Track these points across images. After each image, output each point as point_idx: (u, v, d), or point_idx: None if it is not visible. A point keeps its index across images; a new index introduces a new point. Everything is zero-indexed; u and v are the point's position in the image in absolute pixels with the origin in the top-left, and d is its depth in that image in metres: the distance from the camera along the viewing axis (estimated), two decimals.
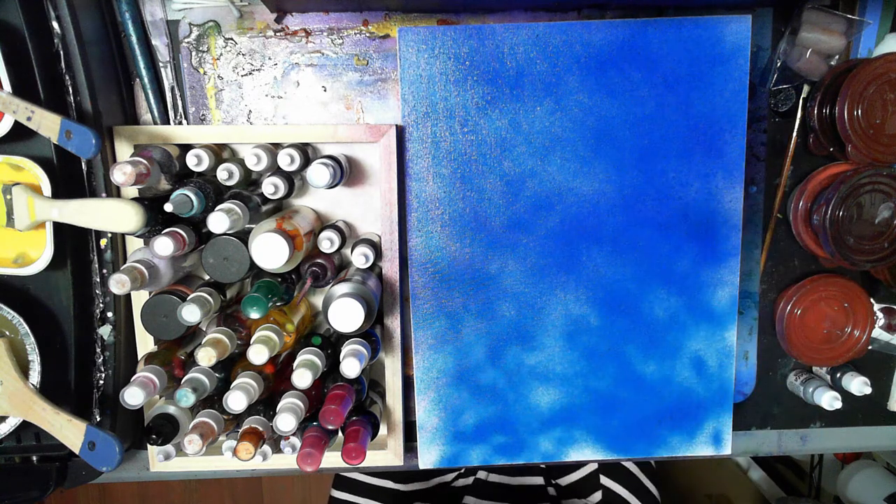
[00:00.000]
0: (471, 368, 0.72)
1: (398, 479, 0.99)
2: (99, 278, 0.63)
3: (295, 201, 0.69)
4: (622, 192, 0.69)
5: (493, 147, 0.68)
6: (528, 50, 0.66)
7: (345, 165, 0.64)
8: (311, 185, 0.59)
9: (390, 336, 0.69)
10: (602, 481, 0.96)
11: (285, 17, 0.68)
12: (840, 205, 0.66)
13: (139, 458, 0.75)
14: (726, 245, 0.70)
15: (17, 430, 0.62)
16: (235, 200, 0.57)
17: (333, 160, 0.61)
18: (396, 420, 0.71)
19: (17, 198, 0.57)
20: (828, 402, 0.71)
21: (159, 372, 0.59)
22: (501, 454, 0.74)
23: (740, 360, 0.77)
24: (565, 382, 0.73)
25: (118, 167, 0.53)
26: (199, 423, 0.58)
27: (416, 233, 0.69)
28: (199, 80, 0.68)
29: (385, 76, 0.69)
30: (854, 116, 0.65)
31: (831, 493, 1.44)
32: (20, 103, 0.55)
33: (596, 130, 0.68)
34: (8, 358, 0.59)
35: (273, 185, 0.60)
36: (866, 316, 0.72)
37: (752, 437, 0.79)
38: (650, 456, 0.75)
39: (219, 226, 0.54)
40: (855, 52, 0.71)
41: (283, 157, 0.60)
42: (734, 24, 0.66)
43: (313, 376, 0.57)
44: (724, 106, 0.68)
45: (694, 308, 0.72)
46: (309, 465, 0.57)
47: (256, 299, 0.55)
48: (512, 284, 0.70)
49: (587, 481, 0.97)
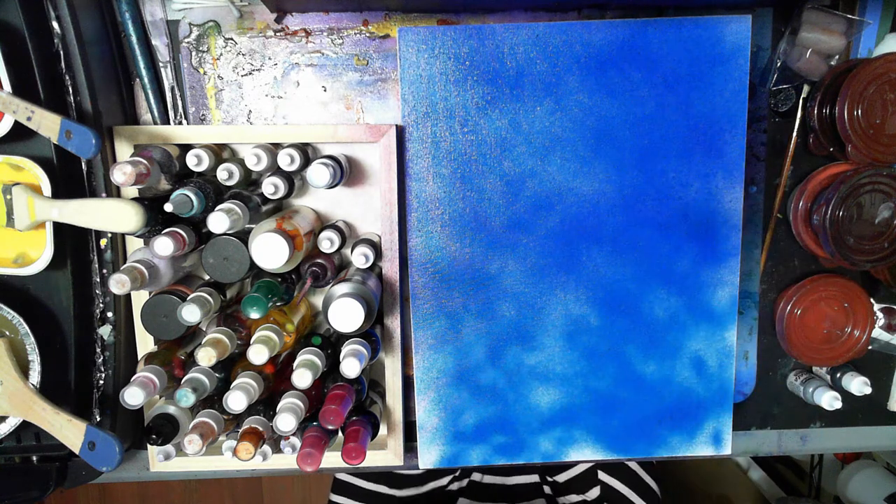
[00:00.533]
0: (471, 368, 0.72)
1: (394, 485, 0.99)
2: (99, 278, 0.63)
3: (295, 201, 0.69)
4: (622, 192, 0.69)
5: (493, 147, 0.68)
6: (528, 50, 0.66)
7: (345, 165, 0.64)
8: (311, 185, 0.59)
9: (390, 336, 0.69)
10: (600, 477, 0.96)
11: (285, 17, 0.68)
12: (840, 205, 0.66)
13: (139, 458, 0.75)
14: (726, 245, 0.70)
15: (17, 430, 0.62)
16: (235, 200, 0.57)
17: (333, 160, 0.61)
18: (396, 420, 0.71)
19: (17, 198, 0.57)
20: (828, 402, 0.71)
21: (159, 372, 0.59)
22: (501, 454, 0.74)
23: (740, 360, 0.77)
24: (565, 382, 0.73)
25: (118, 167, 0.53)
26: (199, 423, 0.58)
27: (416, 233, 0.69)
28: (199, 80, 0.68)
29: (385, 76, 0.69)
30: (854, 116, 0.65)
31: (831, 493, 1.44)
32: (20, 103, 0.55)
33: (596, 130, 0.68)
34: (8, 358, 0.59)
35: (273, 185, 0.60)
36: (866, 316, 0.72)
37: (752, 437, 0.79)
38: (650, 456, 0.75)
39: (219, 226, 0.54)
40: (855, 52, 0.71)
41: (282, 157, 0.60)
42: (734, 24, 0.66)
43: (313, 376, 0.57)
44: (724, 106, 0.68)
45: (694, 308, 0.72)
46: (309, 465, 0.57)
47: (256, 299, 0.55)
48: (512, 284, 0.70)
49: (584, 477, 0.97)
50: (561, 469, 0.99)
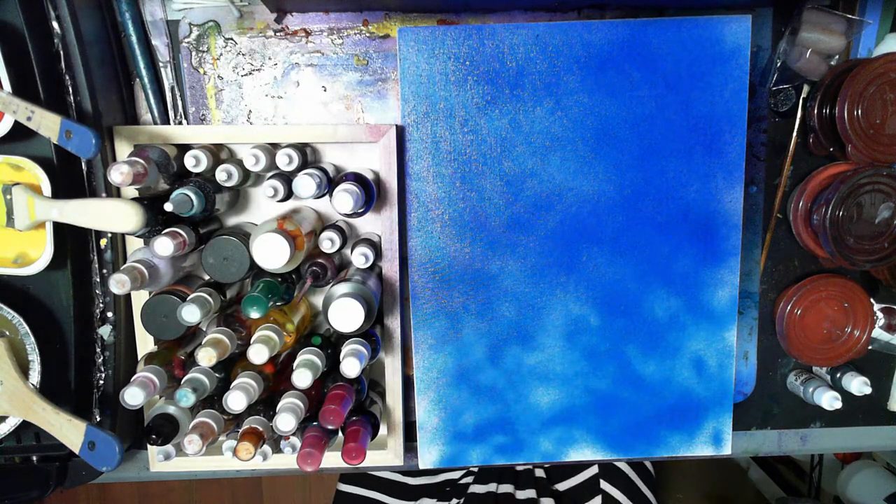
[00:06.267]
0: (471, 368, 0.72)
1: (406, 472, 0.99)
2: (99, 278, 0.63)
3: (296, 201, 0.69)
4: (622, 192, 0.69)
5: (493, 147, 0.68)
6: (528, 50, 0.66)
7: (372, 187, 0.62)
8: (298, 195, 0.58)
9: (390, 336, 0.69)
10: (602, 486, 0.96)
11: (285, 17, 0.68)
12: (840, 205, 0.66)
13: (139, 458, 0.75)
14: (726, 245, 0.70)
15: (17, 430, 0.62)
16: (316, 167, 0.60)
17: (357, 178, 0.60)
18: (396, 420, 0.71)
19: (17, 198, 0.57)
20: (828, 402, 0.71)
21: (159, 372, 0.59)
22: (501, 454, 0.74)
23: (740, 360, 0.77)
24: (565, 382, 0.73)
25: (115, 167, 0.53)
26: (199, 423, 0.58)
27: (416, 233, 0.69)
28: (199, 80, 0.68)
29: (385, 76, 0.69)
30: (854, 116, 0.65)
31: (831, 493, 1.44)
32: (20, 103, 0.55)
33: (596, 130, 0.68)
34: (8, 358, 0.59)
35: (273, 187, 0.60)
36: (866, 316, 0.72)
37: (752, 437, 0.79)
38: (650, 456, 0.75)
39: (306, 191, 0.57)
40: (855, 52, 0.71)
41: (281, 157, 0.60)
42: (734, 24, 0.66)
43: (313, 376, 0.57)
44: (724, 106, 0.68)
45: (694, 308, 0.72)
46: (309, 465, 0.57)
47: (256, 299, 0.55)
48: (512, 284, 0.70)
49: (586, 486, 0.96)
50: (565, 476, 0.98)
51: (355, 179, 0.60)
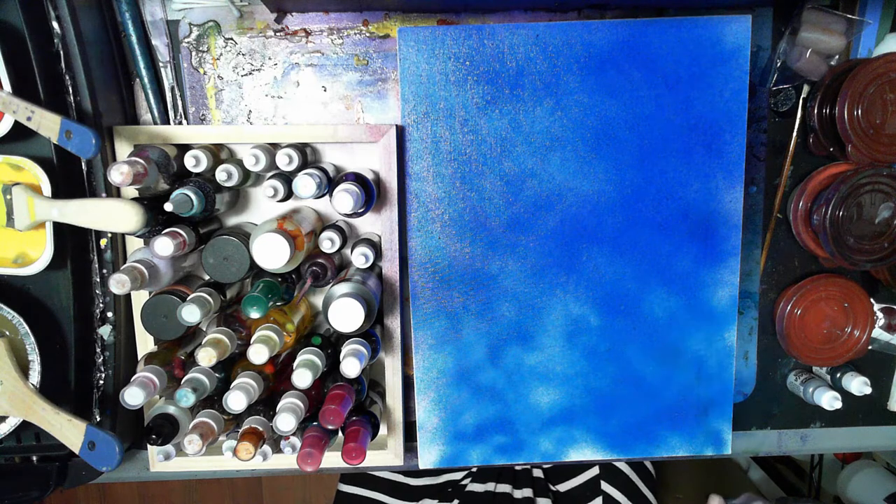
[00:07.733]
0: (471, 368, 0.72)
1: (408, 473, 0.99)
2: (99, 278, 0.63)
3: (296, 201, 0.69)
4: (622, 192, 0.69)
5: (493, 147, 0.68)
6: (528, 50, 0.66)
7: (372, 187, 0.63)
8: (298, 195, 0.58)
9: (390, 336, 0.69)
10: (603, 487, 0.96)
11: (285, 17, 0.68)
12: (840, 205, 0.66)
13: (139, 458, 0.75)
14: (726, 245, 0.70)
15: (17, 430, 0.62)
16: (317, 167, 0.59)
17: (357, 179, 0.60)
18: (396, 420, 0.71)
19: (17, 198, 0.57)
20: (828, 402, 0.71)
21: (159, 372, 0.59)
22: (501, 454, 0.74)
23: (740, 360, 0.77)
24: (565, 382, 0.73)
25: (115, 167, 0.53)
26: (199, 423, 0.58)
27: (416, 233, 0.69)
28: (199, 80, 0.68)
29: (385, 76, 0.69)
30: (854, 116, 0.65)
31: (831, 493, 1.44)
32: (20, 103, 0.55)
33: (596, 130, 0.68)
34: (8, 358, 0.59)
35: (273, 188, 0.60)
36: (866, 316, 0.72)
37: (752, 437, 0.79)
38: (650, 456, 0.75)
39: (306, 190, 0.56)
40: (855, 52, 0.71)
41: (280, 157, 0.60)
42: (734, 24, 0.66)
43: (313, 376, 0.57)
44: (724, 106, 0.68)
45: (694, 308, 0.72)
46: (309, 465, 0.57)
47: (256, 299, 0.55)
48: (512, 284, 0.70)
49: (587, 487, 0.96)
50: (563, 478, 0.98)
51: (355, 179, 0.60)
